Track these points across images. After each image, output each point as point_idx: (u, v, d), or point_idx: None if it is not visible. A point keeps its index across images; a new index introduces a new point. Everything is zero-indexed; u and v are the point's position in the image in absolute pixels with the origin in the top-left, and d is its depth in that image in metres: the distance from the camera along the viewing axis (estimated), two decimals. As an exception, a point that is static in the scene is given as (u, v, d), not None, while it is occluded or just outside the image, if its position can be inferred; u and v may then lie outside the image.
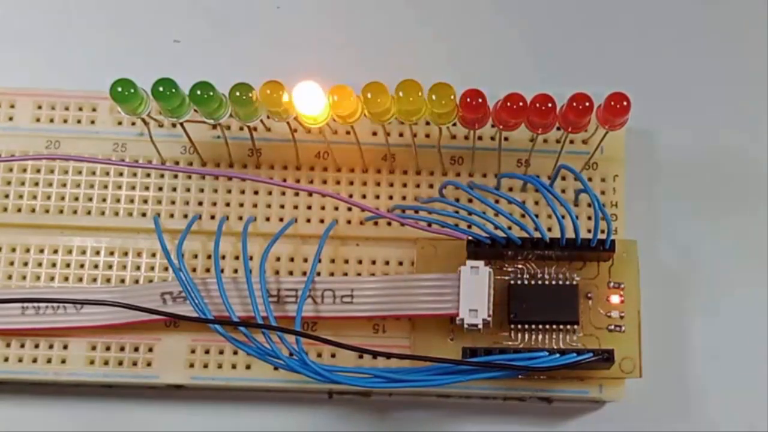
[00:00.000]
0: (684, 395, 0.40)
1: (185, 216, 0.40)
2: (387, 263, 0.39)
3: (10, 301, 0.37)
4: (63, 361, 0.39)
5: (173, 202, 0.40)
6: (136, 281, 0.39)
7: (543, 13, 0.44)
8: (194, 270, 0.39)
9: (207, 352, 0.39)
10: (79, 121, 0.41)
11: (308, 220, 0.40)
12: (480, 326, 0.36)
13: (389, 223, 0.39)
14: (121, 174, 0.40)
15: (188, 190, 0.40)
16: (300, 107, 0.36)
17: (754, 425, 0.40)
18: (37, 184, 0.40)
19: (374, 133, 0.40)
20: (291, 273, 0.39)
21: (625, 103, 0.35)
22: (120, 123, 0.41)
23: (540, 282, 0.38)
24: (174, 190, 0.40)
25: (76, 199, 0.40)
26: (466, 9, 0.44)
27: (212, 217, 0.40)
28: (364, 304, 0.38)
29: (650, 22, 0.43)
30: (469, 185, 0.38)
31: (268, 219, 0.40)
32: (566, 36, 0.43)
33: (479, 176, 0.40)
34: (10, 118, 0.41)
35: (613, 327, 0.38)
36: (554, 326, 0.37)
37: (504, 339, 0.38)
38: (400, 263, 0.39)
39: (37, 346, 0.39)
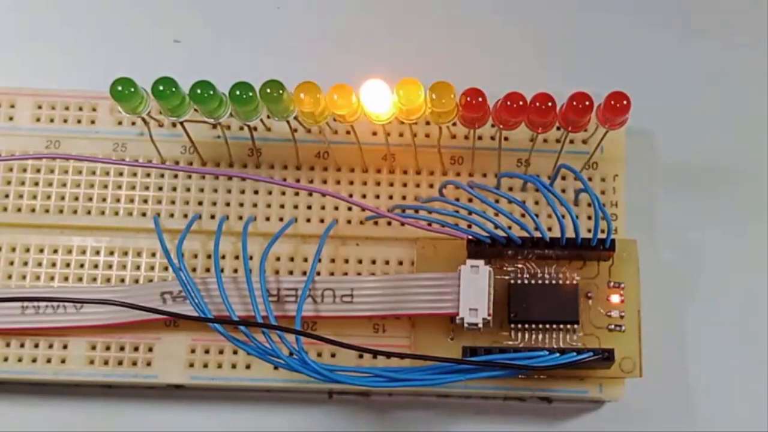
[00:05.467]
0: (684, 395, 0.40)
1: (185, 216, 0.40)
2: (387, 263, 0.39)
3: (10, 300, 0.37)
4: (63, 361, 0.38)
5: (173, 202, 0.40)
6: (136, 281, 0.39)
7: (543, 12, 0.44)
8: (194, 270, 0.39)
9: (207, 351, 0.39)
10: (79, 121, 0.41)
11: (308, 220, 0.40)
12: (480, 325, 0.36)
13: (389, 223, 0.39)
14: (121, 174, 0.40)
15: (188, 189, 0.40)
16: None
17: (754, 425, 0.40)
18: (37, 183, 0.40)
19: (374, 133, 0.40)
20: (291, 272, 0.39)
21: (625, 102, 0.35)
22: (120, 123, 0.41)
23: (540, 281, 0.38)
24: (174, 189, 0.40)
25: (76, 199, 0.40)
26: (467, 8, 0.44)
27: (212, 217, 0.40)
28: (364, 303, 0.38)
29: (650, 22, 0.43)
30: (469, 185, 0.38)
31: (268, 219, 0.40)
32: (566, 36, 0.43)
33: (479, 176, 0.40)
34: (10, 118, 0.41)
35: (613, 326, 0.38)
36: (554, 325, 0.37)
37: (504, 338, 0.38)
38: (400, 263, 0.39)
39: (36, 346, 0.39)
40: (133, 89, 0.36)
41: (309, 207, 0.40)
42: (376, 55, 0.43)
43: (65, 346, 0.39)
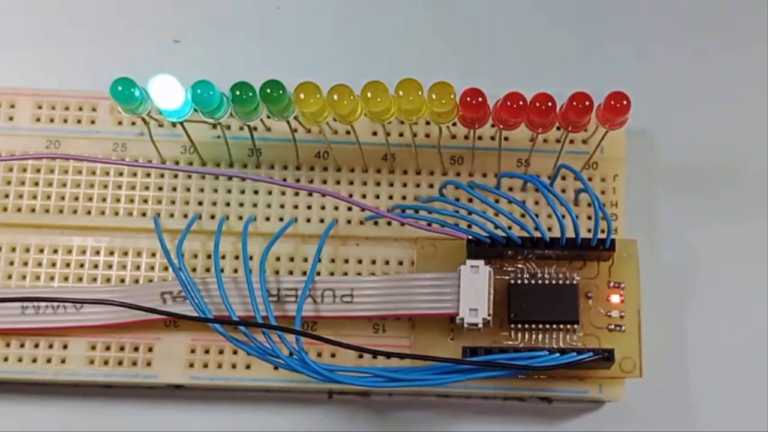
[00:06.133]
0: (684, 395, 0.40)
1: (185, 216, 0.40)
2: (387, 263, 0.39)
3: (10, 300, 0.37)
4: (63, 361, 0.38)
5: (173, 202, 0.40)
6: (136, 281, 0.39)
7: (543, 12, 0.44)
8: (194, 270, 0.39)
9: (207, 351, 0.38)
10: (79, 121, 0.41)
11: (308, 220, 0.40)
12: (480, 325, 0.36)
13: (389, 223, 0.39)
14: (121, 174, 0.40)
15: (188, 190, 0.40)
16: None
17: (754, 425, 0.40)
18: (37, 183, 0.40)
19: (374, 133, 0.40)
20: (291, 273, 0.39)
21: (625, 102, 0.35)
22: (120, 123, 0.41)
23: (540, 281, 0.38)
24: (174, 190, 0.40)
25: (76, 199, 0.40)
26: (467, 8, 0.44)
27: (212, 217, 0.40)
28: (364, 303, 0.38)
29: (650, 21, 0.43)
30: (469, 185, 0.38)
31: (268, 219, 0.40)
32: (566, 36, 0.43)
33: (479, 176, 0.40)
34: (10, 118, 0.41)
35: (613, 326, 0.38)
36: (554, 326, 0.37)
37: (504, 338, 0.38)
38: (400, 263, 0.39)
39: (36, 346, 0.39)
40: (133, 89, 0.36)
41: (309, 207, 0.40)
42: (376, 55, 0.43)
43: (65, 346, 0.39)
